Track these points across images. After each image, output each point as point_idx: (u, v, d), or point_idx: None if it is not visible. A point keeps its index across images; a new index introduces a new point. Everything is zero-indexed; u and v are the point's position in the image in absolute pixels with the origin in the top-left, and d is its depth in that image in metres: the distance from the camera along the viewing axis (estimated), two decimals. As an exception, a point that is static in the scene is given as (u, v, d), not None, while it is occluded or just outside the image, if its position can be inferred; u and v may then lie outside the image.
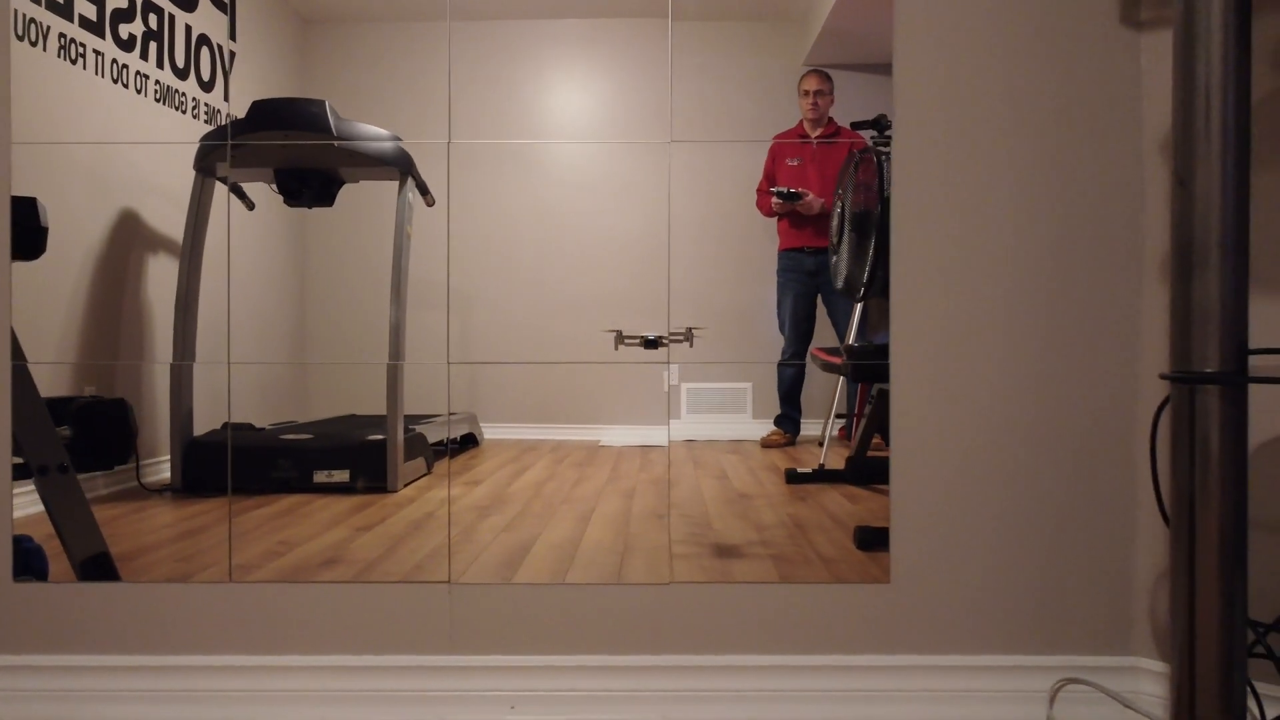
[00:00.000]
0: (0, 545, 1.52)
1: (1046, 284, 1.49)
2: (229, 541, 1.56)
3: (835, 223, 1.64)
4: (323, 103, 1.58)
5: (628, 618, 1.51)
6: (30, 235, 1.53)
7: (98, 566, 1.53)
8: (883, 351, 1.54)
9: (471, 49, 1.59)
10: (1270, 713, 1.24)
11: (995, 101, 1.49)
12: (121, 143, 1.57)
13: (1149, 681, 1.45)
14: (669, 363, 1.58)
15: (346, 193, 1.62)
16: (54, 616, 1.51)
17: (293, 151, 1.59)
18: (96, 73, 1.57)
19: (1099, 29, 1.47)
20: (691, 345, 1.58)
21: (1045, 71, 1.47)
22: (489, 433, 1.65)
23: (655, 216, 1.59)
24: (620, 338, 1.58)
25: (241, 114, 1.59)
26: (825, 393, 1.65)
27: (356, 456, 1.63)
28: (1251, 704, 1.29)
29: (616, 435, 1.64)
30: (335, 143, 1.59)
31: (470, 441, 1.64)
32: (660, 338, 1.57)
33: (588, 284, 1.62)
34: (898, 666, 1.48)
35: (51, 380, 1.56)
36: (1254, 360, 1.24)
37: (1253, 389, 1.31)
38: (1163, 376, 0.94)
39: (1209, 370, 0.89)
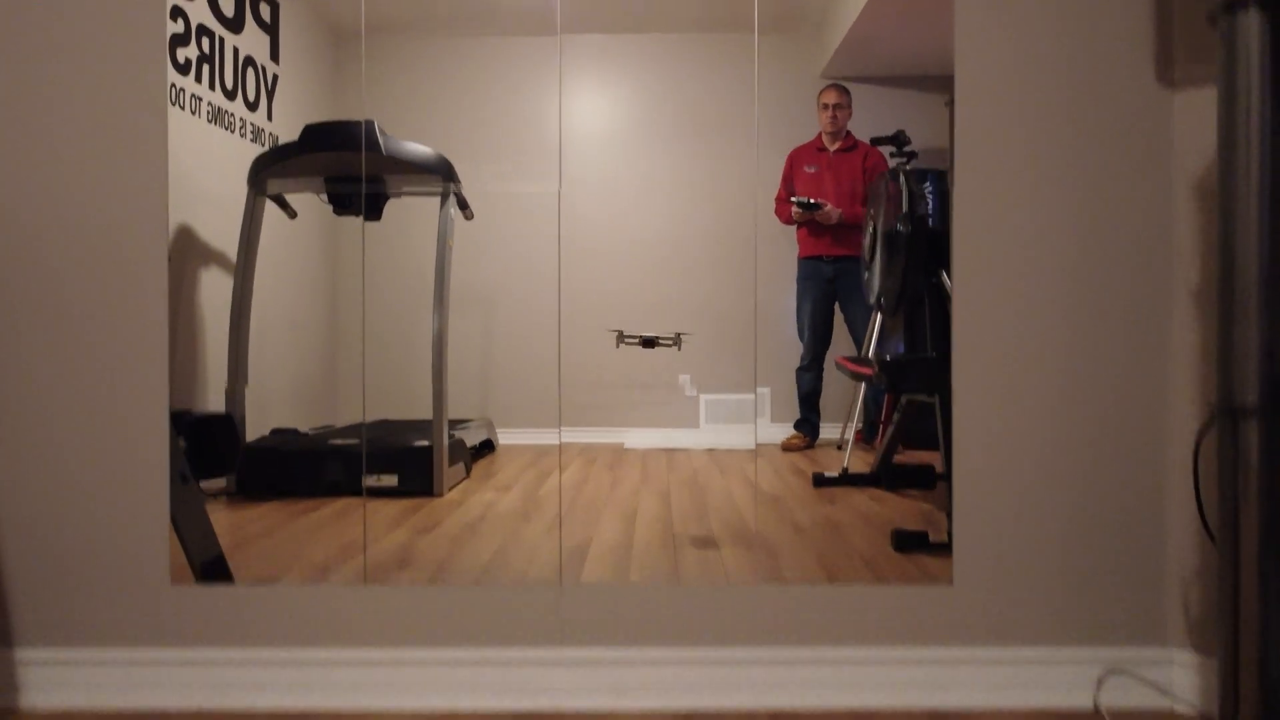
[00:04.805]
0: (159, 548, 1.58)
1: (1092, 310, 1.58)
2: (364, 549, 1.61)
3: (868, 241, 1.70)
4: (372, 123, 1.62)
5: (729, 614, 1.60)
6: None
7: (214, 568, 1.60)
8: (922, 363, 1.59)
9: (483, 63, 1.64)
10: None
11: (1047, 148, 1.57)
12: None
13: (1182, 672, 1.57)
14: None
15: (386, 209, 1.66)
16: (208, 615, 1.60)
17: (342, 168, 1.64)
18: (159, 96, 1.61)
19: (1137, 86, 1.58)
20: (680, 348, 1.63)
21: (1092, 124, 1.58)
22: (504, 438, 1.68)
23: (667, 228, 1.64)
24: (621, 337, 1.62)
25: (282, 131, 1.65)
26: (837, 397, 1.69)
27: (405, 461, 1.66)
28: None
29: (637, 439, 1.68)
30: (383, 158, 1.63)
31: (487, 447, 1.68)
32: (656, 338, 1.62)
33: (604, 290, 1.66)
34: (961, 659, 1.59)
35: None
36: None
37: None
38: (1215, 407, 1.08)
39: (1249, 402, 1.03)
